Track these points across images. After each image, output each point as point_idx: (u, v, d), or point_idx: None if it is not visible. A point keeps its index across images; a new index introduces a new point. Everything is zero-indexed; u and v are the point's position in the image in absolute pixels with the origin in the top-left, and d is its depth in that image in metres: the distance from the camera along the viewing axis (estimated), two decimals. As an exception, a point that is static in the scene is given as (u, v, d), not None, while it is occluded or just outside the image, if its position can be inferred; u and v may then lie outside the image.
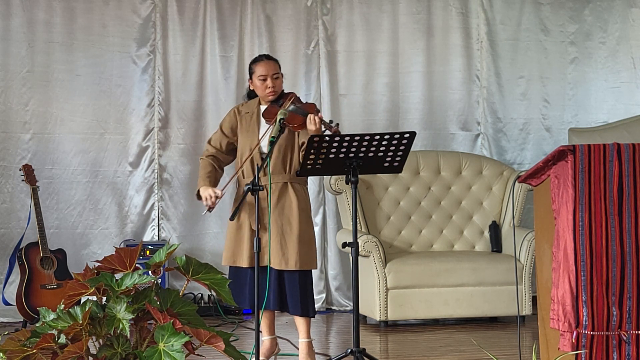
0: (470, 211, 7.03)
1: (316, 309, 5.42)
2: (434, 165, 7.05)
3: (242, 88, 7.19)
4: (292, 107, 4.96)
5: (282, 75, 5.14)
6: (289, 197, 5.02)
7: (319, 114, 4.90)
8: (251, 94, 5.25)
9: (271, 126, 4.92)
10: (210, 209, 5.03)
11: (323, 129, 4.85)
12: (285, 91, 5.18)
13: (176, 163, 7.22)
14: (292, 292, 4.99)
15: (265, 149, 4.99)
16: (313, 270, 5.14)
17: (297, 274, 4.99)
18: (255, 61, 5.16)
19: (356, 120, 7.43)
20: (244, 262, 5.01)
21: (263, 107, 5.12)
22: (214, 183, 5.15)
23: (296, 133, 5.04)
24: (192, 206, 7.22)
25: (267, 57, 5.16)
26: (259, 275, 4.54)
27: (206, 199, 5.02)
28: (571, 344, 4.00)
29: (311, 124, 4.83)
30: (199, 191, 5.14)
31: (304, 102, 5.11)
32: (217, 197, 5.00)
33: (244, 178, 5.10)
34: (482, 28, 7.65)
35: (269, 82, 5.06)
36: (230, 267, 5.12)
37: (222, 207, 7.14)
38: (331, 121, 4.87)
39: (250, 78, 5.15)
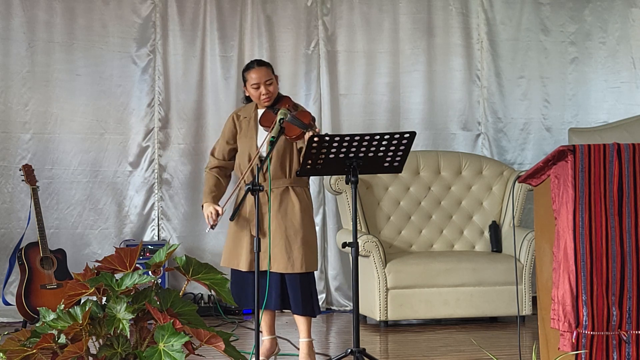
0: (470, 211, 7.03)
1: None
2: (434, 165, 7.05)
3: (242, 88, 7.19)
4: (289, 117, 4.89)
5: (276, 78, 5.11)
6: (291, 201, 5.02)
7: (315, 128, 4.84)
8: (249, 97, 5.23)
9: (269, 132, 4.90)
10: (212, 226, 5.01)
11: None
12: (284, 93, 5.17)
13: (176, 163, 7.21)
14: (295, 293, 4.99)
15: (264, 154, 4.97)
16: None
17: (299, 275, 4.99)
18: (246, 69, 5.12)
19: (356, 120, 7.43)
20: (242, 266, 5.01)
21: (260, 111, 5.11)
22: (217, 198, 5.13)
23: None
24: (192, 206, 7.22)
25: (258, 64, 5.11)
26: (258, 276, 4.54)
27: (207, 217, 5.02)
28: (571, 344, 4.00)
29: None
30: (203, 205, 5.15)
31: (298, 108, 5.03)
32: (217, 215, 4.99)
33: (244, 182, 5.08)
34: (482, 28, 7.65)
35: (262, 89, 5.03)
36: (231, 271, 5.12)
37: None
38: (326, 134, 4.79)
39: (245, 85, 5.14)
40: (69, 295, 3.56)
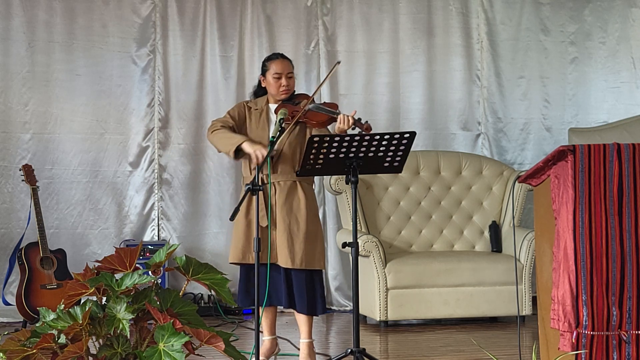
0: (470, 211, 7.03)
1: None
2: (434, 165, 7.05)
3: (242, 88, 7.20)
4: (312, 105, 4.97)
5: (294, 76, 5.14)
6: (298, 196, 5.01)
7: (352, 112, 4.90)
8: (258, 92, 5.23)
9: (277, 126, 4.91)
10: (257, 166, 4.79)
11: (354, 127, 4.84)
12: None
13: (176, 163, 7.21)
14: (300, 291, 4.99)
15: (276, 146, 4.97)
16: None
17: (304, 273, 4.99)
18: (270, 59, 5.15)
19: (356, 121, 7.43)
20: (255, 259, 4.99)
21: (272, 106, 5.11)
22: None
23: (307, 131, 5.03)
24: (192, 206, 7.22)
25: (282, 56, 5.15)
26: (258, 273, 4.54)
27: (257, 157, 4.80)
28: (571, 344, 4.00)
29: (343, 123, 4.82)
30: (237, 150, 4.88)
31: (324, 102, 5.10)
32: (263, 157, 4.80)
33: (250, 175, 5.07)
34: (482, 28, 7.65)
35: (283, 80, 5.05)
36: (241, 267, 5.10)
37: (222, 207, 7.16)
38: (359, 119, 4.86)
39: (264, 75, 5.14)
40: (69, 295, 3.55)
